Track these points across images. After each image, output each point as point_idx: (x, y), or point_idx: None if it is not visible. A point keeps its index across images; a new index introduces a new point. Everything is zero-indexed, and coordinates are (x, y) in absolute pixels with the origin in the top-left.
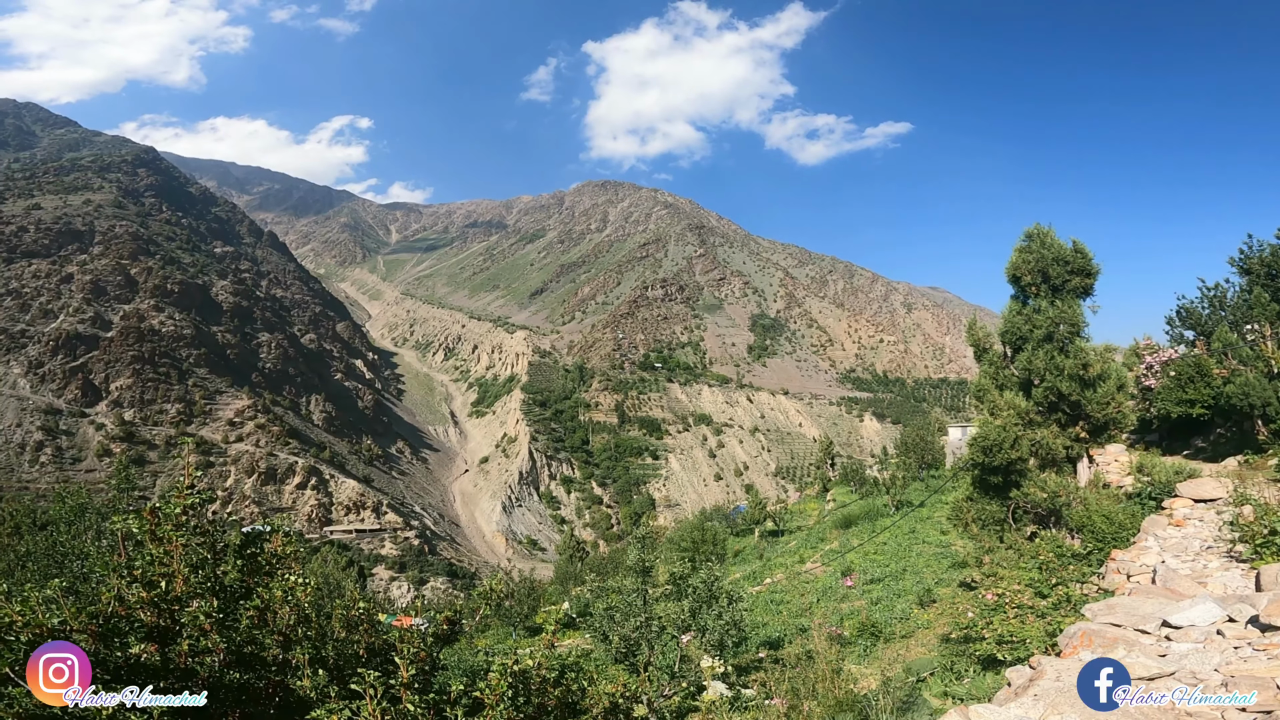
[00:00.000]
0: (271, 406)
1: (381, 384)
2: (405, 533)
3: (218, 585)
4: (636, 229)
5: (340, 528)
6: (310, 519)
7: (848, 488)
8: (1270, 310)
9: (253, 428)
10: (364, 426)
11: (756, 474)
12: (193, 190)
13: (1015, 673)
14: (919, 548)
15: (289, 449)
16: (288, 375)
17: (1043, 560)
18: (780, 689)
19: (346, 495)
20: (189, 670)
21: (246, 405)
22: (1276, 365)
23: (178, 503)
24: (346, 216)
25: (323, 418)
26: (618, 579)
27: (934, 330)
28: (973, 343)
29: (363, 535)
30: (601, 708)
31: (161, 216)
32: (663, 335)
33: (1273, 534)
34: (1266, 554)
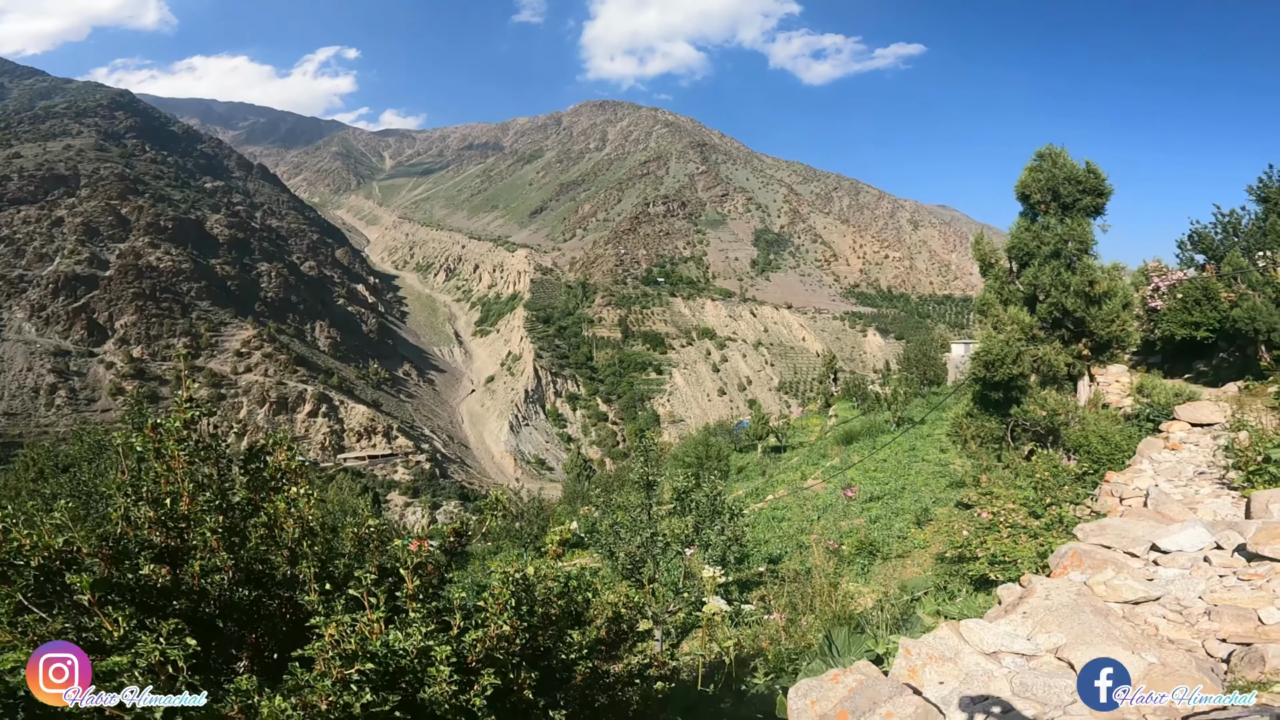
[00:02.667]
0: (277, 335)
1: (384, 307)
2: (416, 456)
3: (225, 503)
4: (637, 148)
5: (353, 454)
6: (324, 447)
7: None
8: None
9: (260, 357)
10: (370, 350)
11: (759, 389)
12: (175, 129)
13: (1006, 590)
14: (918, 465)
15: (297, 377)
16: (290, 303)
17: (1038, 479)
18: (779, 603)
19: (357, 421)
20: (201, 591)
21: (252, 335)
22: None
23: (178, 416)
24: (338, 146)
25: (328, 344)
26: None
27: (940, 248)
28: (978, 257)
29: (375, 461)
30: (605, 618)
31: (146, 156)
32: (665, 250)
33: (1266, 461)
34: (1259, 481)
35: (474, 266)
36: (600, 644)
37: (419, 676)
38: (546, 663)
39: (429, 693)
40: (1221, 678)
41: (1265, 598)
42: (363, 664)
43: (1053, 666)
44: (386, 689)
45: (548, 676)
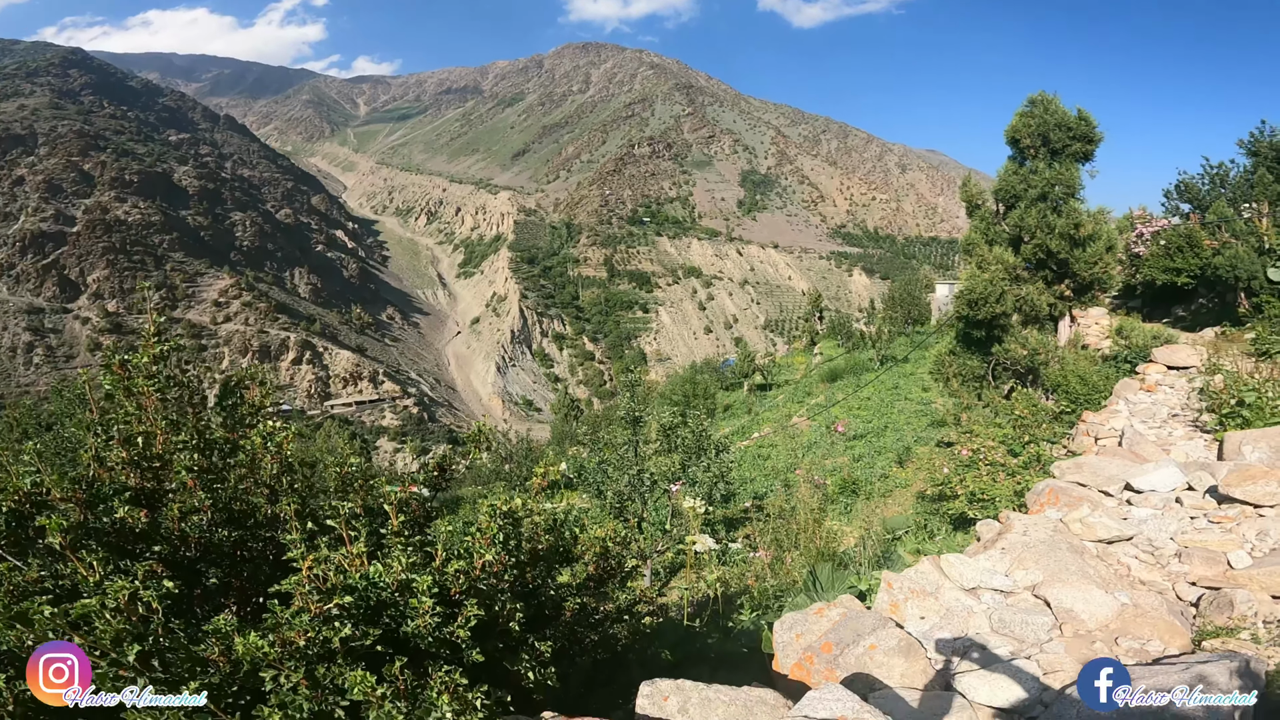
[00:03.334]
0: (255, 283)
1: (365, 252)
2: (404, 401)
3: (202, 442)
4: (621, 90)
5: (340, 401)
6: (310, 394)
7: (835, 341)
8: (1272, 191)
9: (239, 306)
10: (352, 295)
11: (746, 327)
12: (134, 84)
13: (985, 527)
14: (901, 404)
15: (279, 324)
16: (267, 251)
17: (1017, 417)
18: (764, 540)
19: (342, 367)
20: (181, 535)
21: (229, 284)
22: (1269, 241)
23: (146, 351)
24: (309, 94)
25: (309, 290)
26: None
27: (927, 191)
28: (966, 199)
29: (363, 407)
30: (593, 554)
31: (105, 112)
32: (650, 191)
33: (1240, 404)
34: (1231, 424)
35: (456, 209)
36: (589, 580)
37: (401, 610)
38: (535, 600)
39: (412, 626)
40: (1191, 622)
41: (1235, 541)
42: (341, 598)
43: (1030, 604)
44: (367, 623)
45: (537, 613)
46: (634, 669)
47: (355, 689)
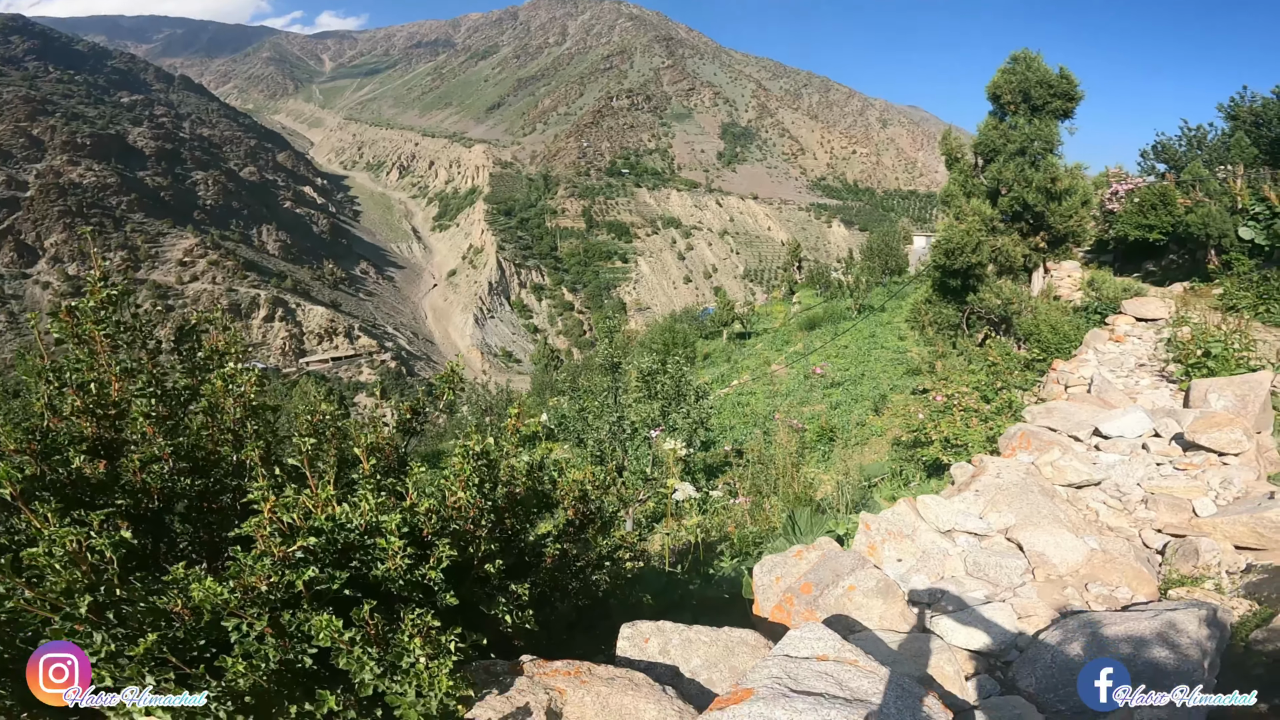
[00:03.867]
0: (221, 242)
1: (335, 208)
2: (381, 355)
3: (160, 389)
4: (599, 42)
5: (315, 358)
6: (284, 352)
7: (813, 290)
8: (1248, 153)
9: (206, 265)
10: (323, 251)
11: (725, 276)
12: (80, 48)
13: (959, 469)
14: (877, 353)
15: (248, 282)
16: (233, 209)
17: (990, 363)
18: (744, 486)
19: (316, 323)
20: (143, 486)
21: (194, 243)
22: (1242, 202)
23: (93, 296)
24: (269, 51)
25: (278, 247)
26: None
27: (908, 145)
28: (945, 152)
29: (339, 363)
30: (572, 498)
31: (51, 77)
32: (629, 143)
33: (1206, 355)
34: (1196, 375)
35: (429, 163)
36: (569, 526)
37: (370, 552)
38: (515, 547)
39: (382, 569)
40: (1157, 569)
41: (1199, 488)
42: (306, 540)
43: (1003, 547)
44: (335, 566)
45: (518, 561)
46: (616, 615)
47: (321, 634)
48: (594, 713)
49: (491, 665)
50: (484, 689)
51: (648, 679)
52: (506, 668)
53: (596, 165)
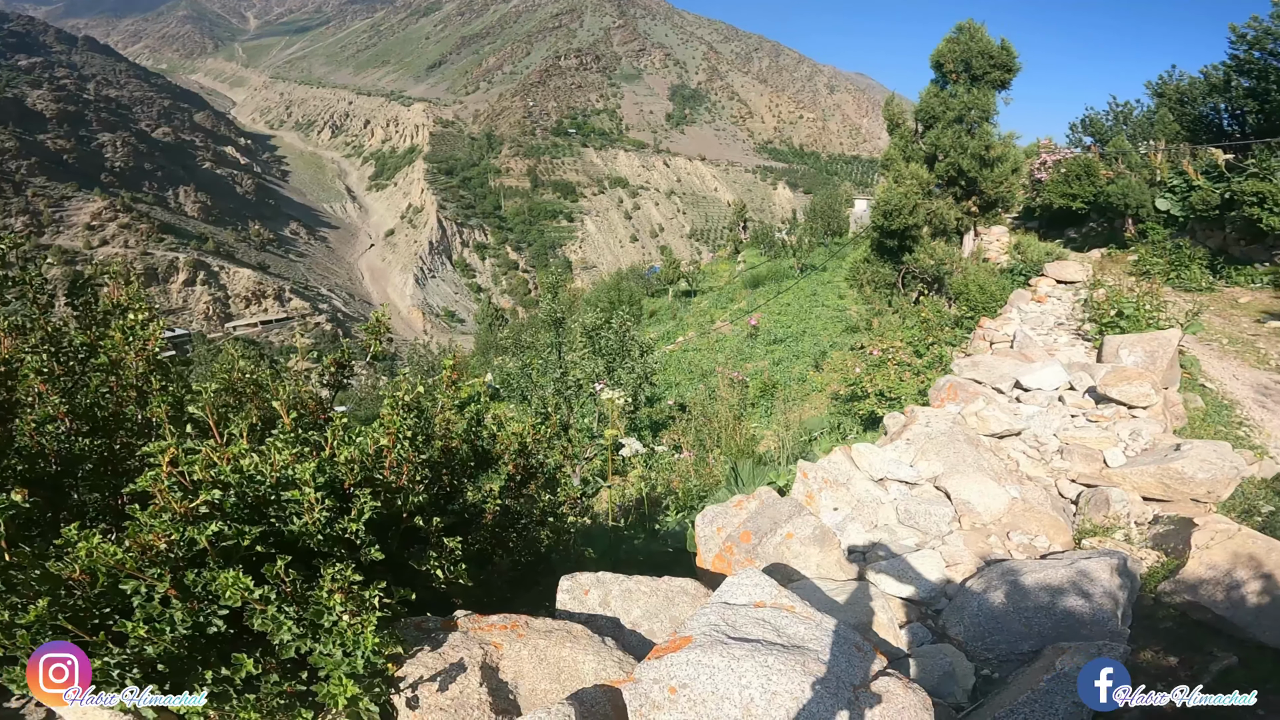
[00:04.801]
0: (133, 204)
1: (261, 167)
2: (315, 318)
3: (55, 346)
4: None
5: (243, 322)
6: (208, 316)
7: (758, 250)
8: (1170, 130)
9: (116, 229)
10: (249, 212)
11: (671, 236)
12: None
13: (892, 419)
14: (818, 310)
15: (165, 245)
16: (144, 171)
17: (923, 319)
18: (687, 440)
19: (243, 286)
20: (39, 448)
21: (103, 206)
22: (1160, 175)
23: None
24: (185, 9)
25: (197, 208)
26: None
27: (853, 112)
28: (888, 117)
29: (270, 326)
30: (512, 451)
31: None
32: (577, 103)
33: (1119, 315)
34: (1111, 333)
35: (365, 122)
36: (510, 481)
37: (285, 506)
38: (454, 505)
39: (299, 523)
40: (1072, 519)
41: (1110, 439)
42: (209, 493)
43: (932, 495)
44: (248, 522)
45: (458, 519)
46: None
47: (229, 593)
48: (531, 666)
49: (424, 622)
50: (416, 646)
51: (586, 630)
52: (440, 624)
53: (543, 125)
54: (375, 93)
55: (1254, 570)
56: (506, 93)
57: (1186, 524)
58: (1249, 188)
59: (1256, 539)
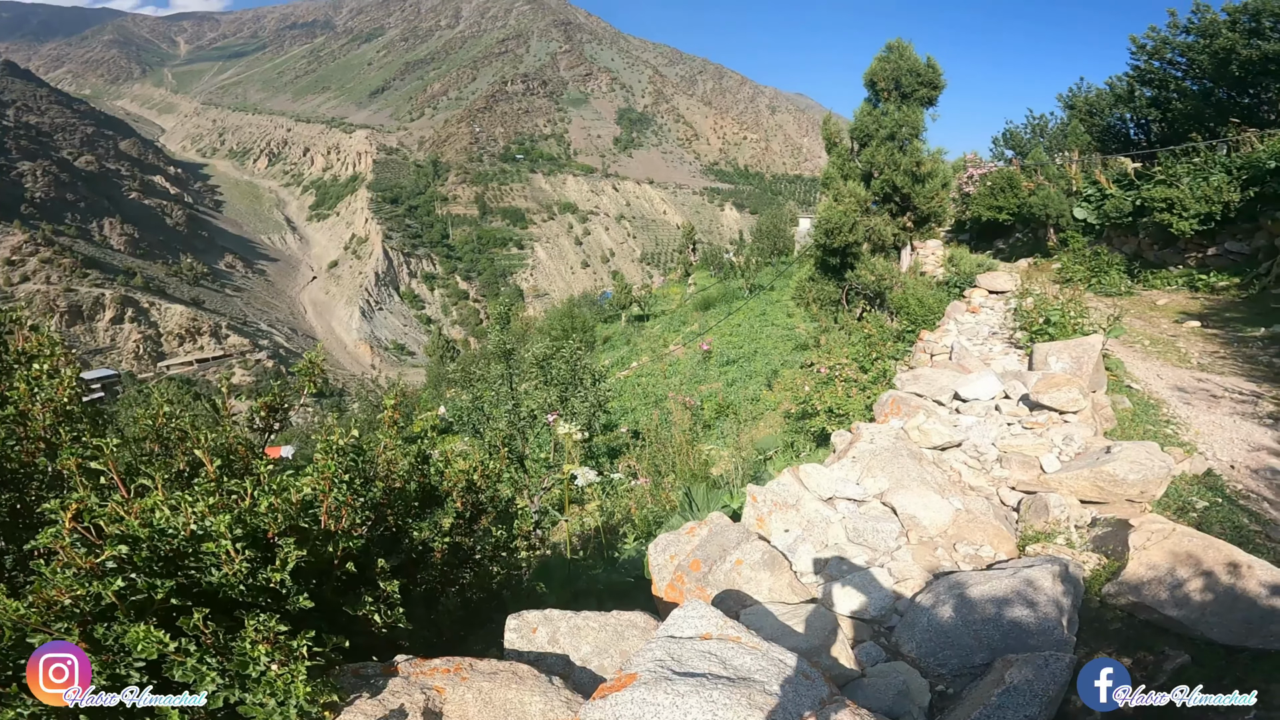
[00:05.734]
0: (55, 238)
1: (193, 197)
2: (255, 355)
3: None
4: (495, 25)
5: (177, 360)
6: (138, 355)
7: (708, 272)
8: (1082, 140)
9: (37, 263)
10: (180, 245)
11: (623, 260)
12: None
13: (839, 437)
14: (768, 330)
15: (90, 280)
16: (66, 202)
17: (866, 335)
18: (643, 466)
19: (175, 323)
20: None
21: (22, 240)
22: (1076, 185)
23: None
24: (112, 34)
25: (124, 241)
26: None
27: (794, 132)
28: (826, 136)
29: (206, 365)
30: (459, 490)
31: None
32: (524, 128)
33: (1047, 323)
34: (1040, 340)
35: (304, 150)
36: (459, 518)
37: (201, 558)
38: (400, 545)
39: (218, 575)
40: (1014, 526)
41: (1045, 445)
42: (113, 548)
43: (879, 511)
44: (162, 575)
45: (405, 559)
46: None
47: (140, 646)
48: (476, 710)
49: (362, 668)
50: (354, 693)
51: (533, 670)
52: (380, 669)
53: (490, 151)
54: (315, 119)
55: (1194, 568)
56: (452, 119)
57: (1123, 525)
58: (1158, 194)
59: (1193, 537)
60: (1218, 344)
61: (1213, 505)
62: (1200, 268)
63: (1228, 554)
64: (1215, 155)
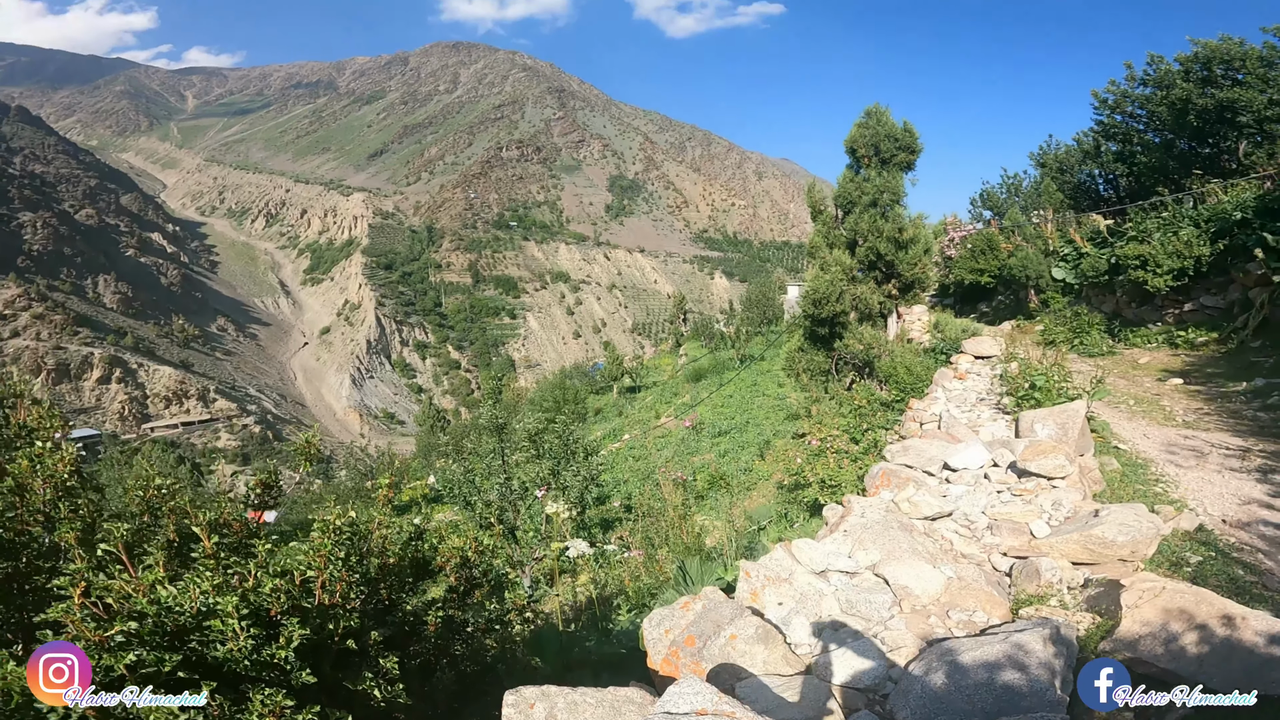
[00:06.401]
0: (48, 293)
1: (189, 257)
2: (243, 420)
3: None
4: (491, 91)
5: (163, 423)
6: (124, 417)
7: (699, 342)
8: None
9: (29, 319)
10: (173, 305)
11: (614, 330)
12: None
13: (830, 511)
14: (760, 400)
15: (80, 339)
16: (64, 256)
17: (857, 406)
18: (636, 539)
19: (163, 385)
20: None
21: (16, 294)
22: (1053, 244)
23: None
24: (124, 85)
25: (117, 300)
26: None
27: (781, 198)
28: (811, 204)
29: (192, 428)
30: (453, 565)
31: None
32: (518, 195)
33: (1032, 388)
34: (1025, 406)
35: (301, 211)
36: (452, 592)
37: (207, 634)
38: (393, 616)
39: (223, 650)
40: (1008, 591)
41: (1034, 511)
42: (123, 624)
43: (871, 583)
44: (167, 650)
45: (396, 631)
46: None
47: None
48: None
49: None
50: None
51: None
52: None
53: (484, 217)
54: (314, 180)
55: (1187, 622)
56: (448, 184)
57: (1115, 585)
58: (1130, 251)
59: (1184, 592)
60: (1201, 400)
61: (1206, 559)
62: (1178, 324)
63: (1221, 607)
64: (1183, 208)
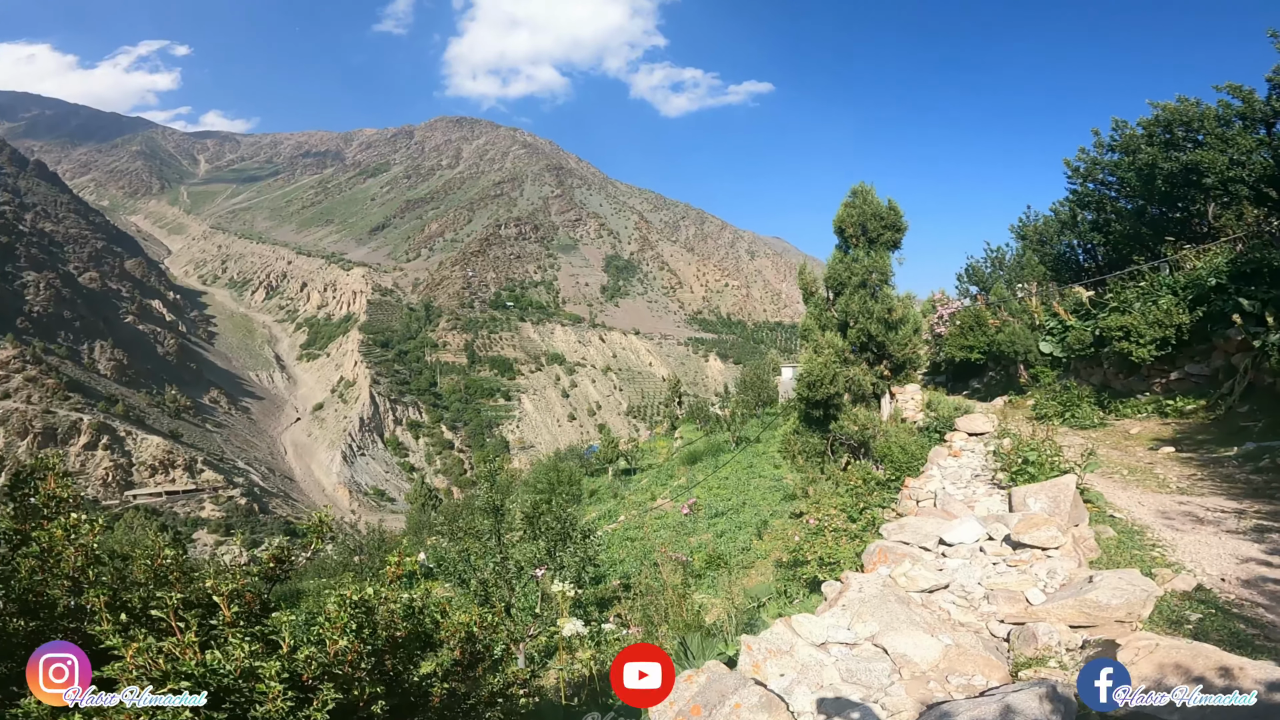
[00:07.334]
0: (44, 356)
1: (187, 326)
2: (229, 491)
3: None
4: (492, 167)
5: (146, 490)
6: (106, 483)
7: (694, 425)
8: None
9: (21, 381)
10: (167, 375)
11: (609, 413)
12: None
13: (829, 587)
14: (756, 481)
15: (70, 404)
16: (63, 320)
17: (853, 487)
18: (635, 617)
19: (150, 453)
20: None
21: (11, 356)
22: (1039, 318)
23: None
24: (141, 145)
25: (111, 367)
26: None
27: (773, 277)
28: (802, 286)
29: (175, 497)
30: (458, 639)
31: None
32: (515, 274)
33: (1025, 463)
34: (1019, 480)
35: (301, 285)
36: (456, 665)
37: (247, 697)
38: (399, 687)
39: (261, 711)
40: (1006, 655)
41: (1029, 580)
42: (175, 684)
43: (871, 652)
44: (209, 708)
45: (402, 701)
46: None
47: None
48: None
49: None
50: None
51: None
52: None
53: (481, 296)
54: (316, 253)
55: (1184, 676)
56: (447, 261)
57: (1112, 645)
58: (1113, 322)
59: (1179, 648)
60: (1194, 467)
61: (1207, 616)
62: (1166, 393)
63: (1218, 659)
64: (1160, 276)
